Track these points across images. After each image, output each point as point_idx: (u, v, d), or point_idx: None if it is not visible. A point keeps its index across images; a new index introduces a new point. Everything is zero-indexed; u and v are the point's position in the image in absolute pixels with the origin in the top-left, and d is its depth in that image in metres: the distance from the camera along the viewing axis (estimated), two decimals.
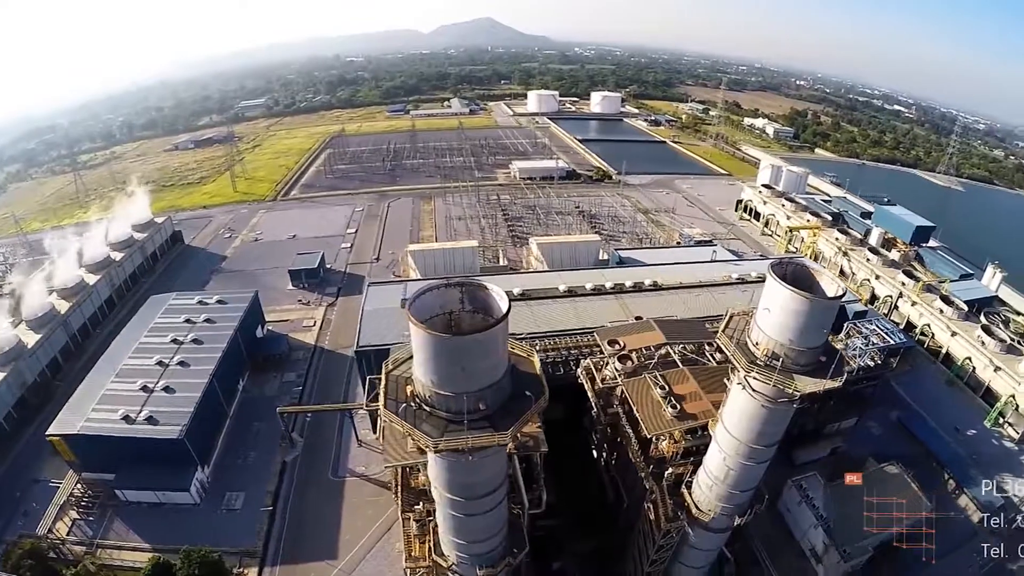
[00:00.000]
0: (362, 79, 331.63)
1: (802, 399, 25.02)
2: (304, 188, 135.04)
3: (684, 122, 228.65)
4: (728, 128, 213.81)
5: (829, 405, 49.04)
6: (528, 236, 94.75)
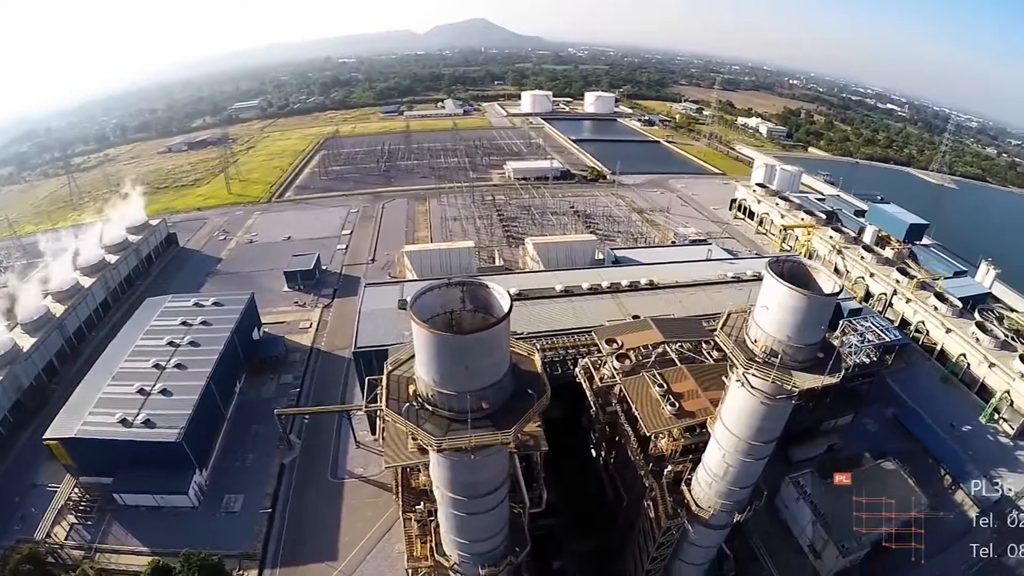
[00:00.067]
0: (356, 80, 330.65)
1: (800, 395, 25.29)
2: (299, 190, 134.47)
3: (678, 122, 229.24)
4: (722, 128, 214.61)
5: (825, 402, 49.28)
6: (523, 236, 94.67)
